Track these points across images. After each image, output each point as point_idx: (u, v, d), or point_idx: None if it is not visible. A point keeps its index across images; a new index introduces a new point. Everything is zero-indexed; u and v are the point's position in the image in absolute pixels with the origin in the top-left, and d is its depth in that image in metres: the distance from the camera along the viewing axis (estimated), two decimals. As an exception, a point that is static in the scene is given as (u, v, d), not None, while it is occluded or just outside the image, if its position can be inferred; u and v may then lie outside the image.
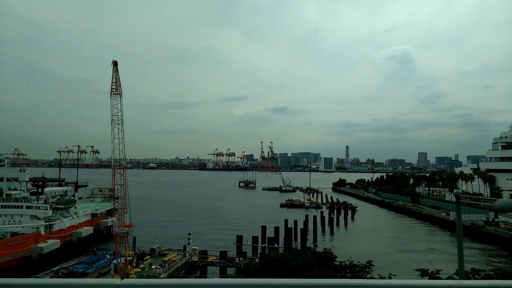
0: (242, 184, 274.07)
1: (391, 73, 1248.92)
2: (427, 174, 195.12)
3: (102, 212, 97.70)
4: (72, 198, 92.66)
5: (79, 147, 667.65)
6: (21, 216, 73.58)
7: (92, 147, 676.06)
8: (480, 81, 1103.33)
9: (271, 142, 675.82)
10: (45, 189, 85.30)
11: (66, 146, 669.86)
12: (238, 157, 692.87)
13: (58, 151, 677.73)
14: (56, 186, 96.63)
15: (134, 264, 57.30)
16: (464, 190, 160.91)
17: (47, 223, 73.94)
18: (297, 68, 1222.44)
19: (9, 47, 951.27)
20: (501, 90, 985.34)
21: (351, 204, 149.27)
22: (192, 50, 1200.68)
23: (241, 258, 59.77)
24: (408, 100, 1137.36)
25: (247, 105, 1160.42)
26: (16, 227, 69.55)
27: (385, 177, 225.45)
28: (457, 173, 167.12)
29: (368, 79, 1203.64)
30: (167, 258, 63.91)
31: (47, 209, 74.68)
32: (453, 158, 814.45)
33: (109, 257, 66.53)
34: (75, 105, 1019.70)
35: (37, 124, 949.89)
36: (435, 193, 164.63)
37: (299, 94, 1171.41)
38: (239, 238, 70.91)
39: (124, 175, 60.03)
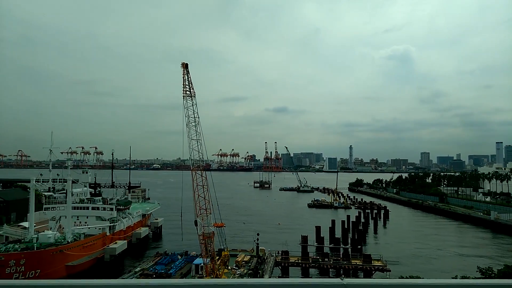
0: (257, 185, 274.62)
1: (391, 73, 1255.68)
2: (455, 173, 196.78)
3: (150, 213, 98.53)
4: (127, 199, 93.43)
5: (82, 148, 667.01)
6: (87, 217, 74.07)
7: (96, 148, 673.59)
8: (480, 81, 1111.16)
9: (275, 142, 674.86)
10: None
11: (70, 147, 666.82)
12: (242, 158, 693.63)
13: (61, 152, 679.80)
14: (109, 187, 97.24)
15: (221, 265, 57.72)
16: (489, 190, 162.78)
17: (111, 224, 74.42)
18: (297, 68, 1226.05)
19: (8, 48, 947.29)
20: (502, 90, 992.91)
21: (379, 204, 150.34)
22: (191, 51, 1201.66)
23: (325, 259, 60.45)
24: (408, 100, 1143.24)
25: (247, 105, 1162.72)
26: (89, 228, 70.02)
27: (407, 177, 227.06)
28: (483, 172, 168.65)
29: (368, 79, 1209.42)
30: (239, 259, 64.67)
31: (112, 210, 75.08)
32: (455, 158, 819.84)
33: (180, 257, 67.16)
34: (75, 106, 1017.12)
35: (37, 125, 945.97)
36: (459, 192, 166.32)
37: (299, 94, 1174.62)
38: (304, 239, 71.48)
39: (204, 176, 60.78)
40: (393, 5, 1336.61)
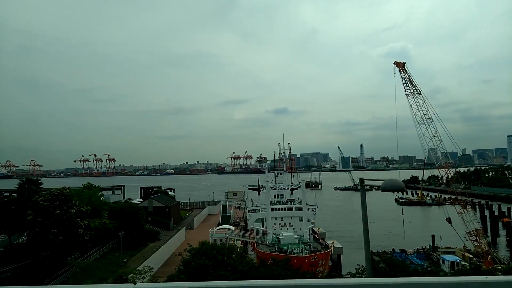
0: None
1: (390, 70, 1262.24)
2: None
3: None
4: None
5: (95, 155, 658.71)
6: (291, 218, 74.04)
7: (108, 155, 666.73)
8: (480, 75, 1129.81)
9: (289, 143, 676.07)
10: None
11: (82, 155, 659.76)
12: (255, 160, 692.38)
13: (74, 161, 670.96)
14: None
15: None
16: None
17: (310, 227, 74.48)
18: (296, 68, 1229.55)
19: (6, 58, 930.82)
20: (501, 84, 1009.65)
21: (471, 199, 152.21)
22: (189, 55, 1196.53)
23: None
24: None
25: (248, 108, 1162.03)
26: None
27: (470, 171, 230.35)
28: None
29: (367, 77, 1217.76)
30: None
31: (314, 210, 74.86)
32: (460, 153, 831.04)
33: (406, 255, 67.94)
34: (75, 114, 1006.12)
35: (37, 135, 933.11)
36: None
37: (299, 95, 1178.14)
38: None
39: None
40: (389, 2, 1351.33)
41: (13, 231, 53.35)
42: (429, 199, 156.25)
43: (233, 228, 77.12)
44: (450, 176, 68.94)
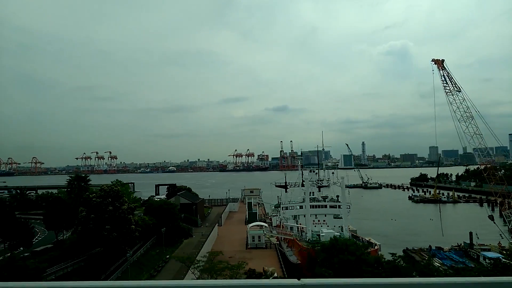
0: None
1: (390, 69, 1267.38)
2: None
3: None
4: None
5: (97, 153, 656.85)
6: (325, 216, 74.18)
7: (110, 152, 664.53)
8: (479, 74, 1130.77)
9: (291, 141, 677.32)
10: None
11: (84, 153, 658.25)
12: (257, 158, 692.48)
13: (76, 158, 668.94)
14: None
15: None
16: None
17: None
18: (296, 67, 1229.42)
19: (6, 57, 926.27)
20: (501, 82, 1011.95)
21: (486, 197, 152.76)
22: (189, 53, 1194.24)
23: None
24: (407, 95, 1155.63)
25: (247, 106, 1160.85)
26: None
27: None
28: None
29: (367, 75, 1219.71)
30: None
31: (349, 208, 74.89)
32: (460, 151, 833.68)
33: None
34: (75, 113, 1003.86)
35: (37, 133, 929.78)
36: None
37: (298, 93, 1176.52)
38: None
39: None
40: (389, 0, 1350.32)
41: (64, 227, 53.15)
42: (444, 197, 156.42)
43: (266, 225, 77.12)
44: (492, 173, 68.82)
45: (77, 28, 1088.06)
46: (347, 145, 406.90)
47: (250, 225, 75.61)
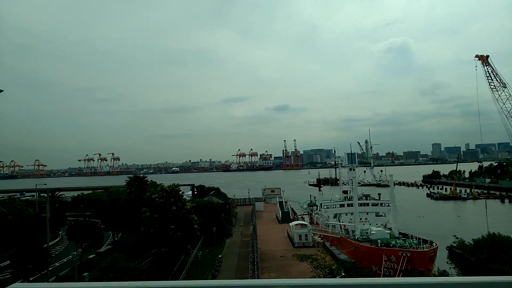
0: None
1: (390, 66, 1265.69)
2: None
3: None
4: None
5: (99, 154, 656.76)
6: (367, 214, 74.17)
7: (113, 154, 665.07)
8: (480, 70, 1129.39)
9: (294, 140, 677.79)
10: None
11: (87, 155, 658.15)
12: (259, 157, 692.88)
13: (79, 160, 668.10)
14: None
15: None
16: None
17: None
18: (296, 65, 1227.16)
19: (6, 57, 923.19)
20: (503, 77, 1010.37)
21: (506, 193, 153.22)
22: (189, 52, 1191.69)
23: None
24: (408, 93, 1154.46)
25: (248, 105, 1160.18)
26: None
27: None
28: None
29: (368, 73, 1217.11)
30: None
31: (389, 206, 74.97)
32: (463, 148, 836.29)
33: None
34: (76, 114, 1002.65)
35: (38, 134, 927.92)
36: None
37: (299, 92, 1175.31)
38: None
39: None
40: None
41: (122, 228, 52.97)
42: (465, 194, 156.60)
43: (307, 223, 77.13)
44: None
45: (77, 27, 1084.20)
46: (359, 143, 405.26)
47: (292, 223, 75.55)
